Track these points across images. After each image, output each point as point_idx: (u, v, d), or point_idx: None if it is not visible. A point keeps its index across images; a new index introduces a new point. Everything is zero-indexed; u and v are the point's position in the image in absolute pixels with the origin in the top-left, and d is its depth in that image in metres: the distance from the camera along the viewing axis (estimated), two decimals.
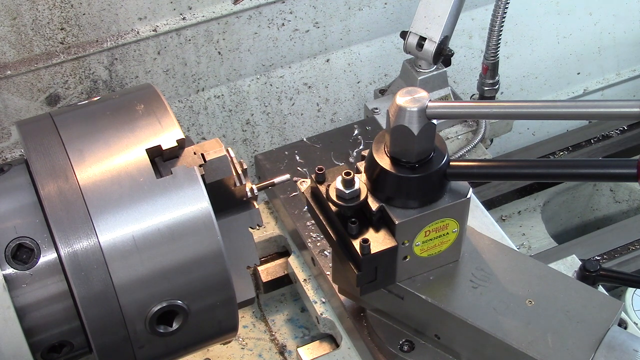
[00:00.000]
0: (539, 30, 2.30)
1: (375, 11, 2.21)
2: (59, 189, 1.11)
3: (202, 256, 1.14)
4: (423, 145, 1.25)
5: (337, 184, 1.28)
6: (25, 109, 1.92)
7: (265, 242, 1.74)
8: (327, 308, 1.58)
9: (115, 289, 1.10)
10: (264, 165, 1.74)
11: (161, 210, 1.12)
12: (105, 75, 1.97)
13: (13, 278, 1.10)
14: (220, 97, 2.12)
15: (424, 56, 1.71)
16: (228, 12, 2.01)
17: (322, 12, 2.14)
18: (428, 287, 1.35)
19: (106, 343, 1.13)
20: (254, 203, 1.26)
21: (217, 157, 1.18)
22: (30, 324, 1.11)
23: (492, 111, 1.26)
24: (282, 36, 2.12)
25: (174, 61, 2.03)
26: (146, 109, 1.20)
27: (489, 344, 1.31)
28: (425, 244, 1.32)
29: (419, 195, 1.28)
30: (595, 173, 1.26)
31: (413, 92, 1.23)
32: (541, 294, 1.34)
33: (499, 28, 1.82)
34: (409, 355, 1.40)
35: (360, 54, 2.23)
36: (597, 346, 1.27)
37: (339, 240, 1.31)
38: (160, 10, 1.94)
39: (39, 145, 1.15)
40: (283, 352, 1.67)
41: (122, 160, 1.14)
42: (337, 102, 2.17)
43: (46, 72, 1.90)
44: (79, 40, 1.90)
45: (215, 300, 1.18)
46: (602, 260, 1.68)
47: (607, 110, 1.17)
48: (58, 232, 1.09)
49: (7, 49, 1.83)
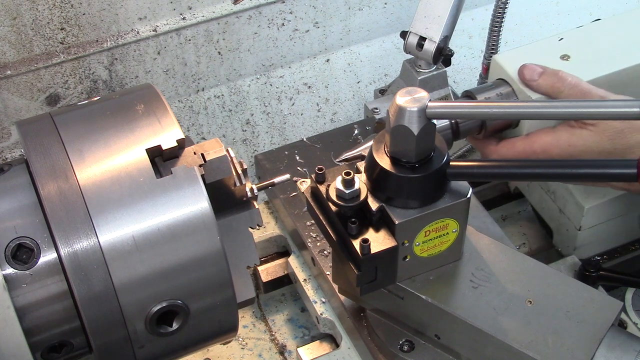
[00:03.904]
0: (539, 30, 2.30)
1: (375, 11, 2.21)
2: (59, 189, 1.11)
3: (202, 256, 1.14)
4: (423, 145, 1.25)
5: (337, 184, 1.28)
6: (25, 109, 1.92)
7: (265, 242, 1.74)
8: (327, 308, 1.58)
9: (115, 288, 1.10)
10: (264, 165, 1.74)
11: (161, 210, 1.12)
12: (105, 75, 1.97)
13: (13, 278, 1.10)
14: (220, 97, 2.12)
15: (424, 56, 1.71)
16: (228, 12, 2.01)
17: (322, 12, 2.14)
18: (428, 287, 1.35)
19: (106, 343, 1.13)
20: (254, 203, 1.26)
21: (217, 157, 1.18)
22: (30, 324, 1.11)
23: (492, 111, 1.26)
24: (282, 36, 2.12)
25: (174, 61, 2.03)
26: (146, 109, 1.20)
27: (489, 344, 1.31)
28: (425, 244, 1.32)
29: (419, 195, 1.28)
30: (595, 173, 1.27)
31: (413, 92, 1.23)
32: (541, 294, 1.34)
33: (499, 28, 1.82)
34: (409, 355, 1.40)
35: (360, 54, 2.23)
36: (597, 346, 1.27)
37: (339, 240, 1.31)
38: (160, 10, 1.94)
39: (39, 145, 1.15)
40: (283, 352, 1.67)
41: (122, 160, 1.14)
42: (337, 102, 2.16)
43: (46, 72, 1.90)
44: (79, 40, 1.89)
45: (215, 300, 1.18)
46: (602, 260, 1.68)
47: (607, 110, 1.17)
48: (58, 232, 1.09)
49: (7, 49, 1.83)
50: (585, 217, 1.61)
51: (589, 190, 1.62)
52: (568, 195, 1.63)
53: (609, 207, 1.63)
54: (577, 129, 1.49)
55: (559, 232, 1.69)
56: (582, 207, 1.61)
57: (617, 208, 1.64)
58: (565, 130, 1.51)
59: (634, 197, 1.61)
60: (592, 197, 1.62)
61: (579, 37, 1.66)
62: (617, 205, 1.63)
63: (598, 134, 1.47)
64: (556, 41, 1.64)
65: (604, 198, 1.62)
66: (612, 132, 1.46)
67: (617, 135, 1.46)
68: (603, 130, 1.46)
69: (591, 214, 1.62)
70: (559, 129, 1.52)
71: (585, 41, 1.65)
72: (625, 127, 1.46)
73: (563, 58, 1.60)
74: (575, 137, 1.49)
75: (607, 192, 1.62)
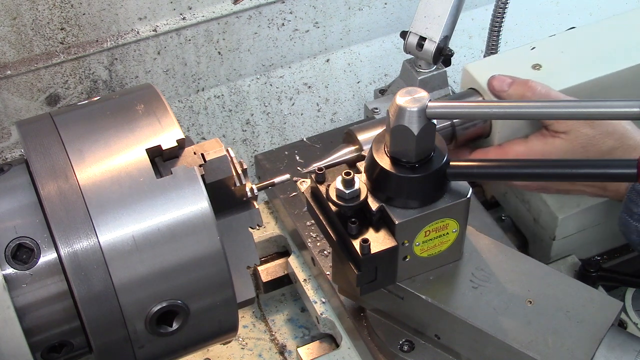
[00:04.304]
0: (539, 30, 2.30)
1: (375, 11, 2.21)
2: (59, 189, 1.11)
3: (202, 256, 1.14)
4: (423, 145, 1.25)
5: (337, 184, 1.28)
6: (25, 109, 1.92)
7: (265, 242, 1.74)
8: (327, 308, 1.58)
9: (115, 288, 1.10)
10: (264, 165, 1.74)
11: (161, 210, 1.12)
12: (105, 75, 1.97)
13: (13, 278, 1.10)
14: (220, 97, 2.12)
15: (424, 56, 1.71)
16: (228, 12, 2.01)
17: (322, 12, 2.14)
18: (428, 287, 1.35)
19: (106, 343, 1.13)
20: (254, 203, 1.26)
21: (217, 157, 1.18)
22: (30, 324, 1.11)
23: (492, 111, 1.26)
24: (282, 36, 2.12)
25: (174, 61, 2.03)
26: (146, 109, 1.20)
27: (489, 344, 1.31)
28: (425, 244, 1.32)
29: (419, 195, 1.28)
30: (595, 173, 1.26)
31: (413, 92, 1.23)
32: (541, 294, 1.34)
33: (499, 28, 1.82)
34: (409, 355, 1.40)
35: (360, 54, 2.23)
36: (597, 346, 1.27)
37: (339, 240, 1.31)
38: (160, 10, 1.94)
39: (39, 145, 1.15)
40: (283, 352, 1.67)
41: (122, 160, 1.14)
42: (337, 102, 2.17)
43: (46, 72, 1.90)
44: (79, 40, 1.90)
45: (216, 300, 1.18)
46: (602, 260, 1.68)
47: (607, 110, 1.17)
48: (58, 232, 1.09)
49: (7, 49, 1.83)
50: (560, 227, 1.60)
51: (563, 200, 1.60)
52: (542, 205, 1.62)
53: (583, 217, 1.62)
54: (550, 138, 1.49)
55: (533, 241, 1.68)
56: (556, 218, 1.60)
57: (591, 218, 1.62)
58: (537, 140, 1.50)
59: (607, 207, 1.60)
60: (566, 207, 1.60)
61: (552, 46, 1.64)
62: (592, 215, 1.62)
63: (570, 142, 1.47)
64: (528, 50, 1.63)
65: (578, 208, 1.60)
66: (584, 139, 1.46)
67: (589, 142, 1.45)
68: (575, 137, 1.46)
69: (565, 224, 1.61)
70: (531, 139, 1.51)
71: (557, 50, 1.63)
72: (597, 133, 1.45)
73: (534, 67, 1.59)
74: (548, 146, 1.49)
75: (581, 201, 1.60)
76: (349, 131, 1.51)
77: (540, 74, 1.57)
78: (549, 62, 1.60)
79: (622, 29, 1.67)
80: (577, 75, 1.57)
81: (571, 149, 1.47)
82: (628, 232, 1.42)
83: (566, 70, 1.58)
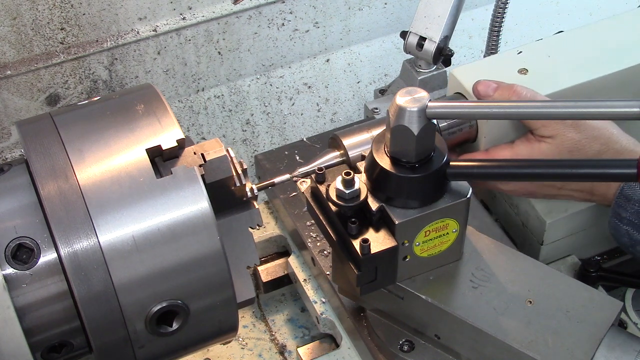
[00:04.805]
0: (539, 30, 2.30)
1: (375, 11, 2.21)
2: (59, 189, 1.11)
3: (202, 256, 1.14)
4: (423, 145, 1.25)
5: (337, 184, 1.28)
6: (25, 109, 1.92)
7: (265, 242, 1.74)
8: (327, 308, 1.58)
9: (115, 288, 1.10)
10: (264, 165, 1.74)
11: (161, 210, 1.12)
12: (105, 75, 1.97)
13: (13, 278, 1.10)
14: (220, 97, 2.12)
15: (424, 56, 1.71)
16: (228, 12, 2.01)
17: (322, 12, 2.14)
18: (428, 287, 1.35)
19: (106, 343, 1.13)
20: (254, 203, 1.26)
21: (217, 157, 1.18)
22: (30, 324, 1.11)
23: (492, 111, 1.25)
24: (282, 36, 2.12)
25: (174, 61, 2.03)
26: (146, 109, 1.20)
27: (489, 344, 1.31)
28: (425, 244, 1.32)
29: (419, 195, 1.28)
30: (595, 173, 1.26)
31: (413, 92, 1.23)
32: (541, 294, 1.34)
33: (499, 28, 1.82)
34: (409, 355, 1.40)
35: (360, 54, 2.23)
36: (597, 346, 1.27)
37: (339, 240, 1.31)
38: (160, 10, 1.94)
39: (39, 145, 1.15)
40: (283, 352, 1.67)
41: (122, 160, 1.14)
42: (337, 102, 2.17)
43: (46, 72, 1.90)
44: (79, 40, 1.90)
45: (216, 300, 1.18)
46: (602, 260, 1.68)
47: (607, 110, 1.17)
48: (58, 232, 1.09)
49: (7, 49, 1.83)
50: (548, 232, 1.60)
51: (551, 205, 1.60)
52: (531, 210, 1.61)
53: (572, 221, 1.61)
54: (536, 143, 1.48)
55: (522, 246, 1.68)
56: (544, 222, 1.59)
57: (579, 222, 1.62)
58: (524, 145, 1.50)
59: (595, 212, 1.60)
60: (555, 212, 1.59)
61: (538, 51, 1.62)
62: (580, 220, 1.61)
63: (556, 146, 1.46)
64: (515, 54, 1.62)
65: (566, 213, 1.59)
66: (570, 144, 1.45)
67: (575, 146, 1.45)
68: (561, 142, 1.45)
69: (553, 229, 1.60)
70: (517, 144, 1.51)
71: (544, 54, 1.61)
72: (583, 137, 1.44)
73: (521, 72, 1.57)
74: (534, 151, 1.48)
75: (569, 206, 1.59)
76: (334, 136, 1.49)
77: (526, 78, 1.56)
78: (536, 67, 1.58)
79: (609, 33, 1.66)
80: (564, 80, 1.56)
81: (557, 153, 1.46)
82: (619, 235, 1.42)
83: (553, 75, 1.57)
